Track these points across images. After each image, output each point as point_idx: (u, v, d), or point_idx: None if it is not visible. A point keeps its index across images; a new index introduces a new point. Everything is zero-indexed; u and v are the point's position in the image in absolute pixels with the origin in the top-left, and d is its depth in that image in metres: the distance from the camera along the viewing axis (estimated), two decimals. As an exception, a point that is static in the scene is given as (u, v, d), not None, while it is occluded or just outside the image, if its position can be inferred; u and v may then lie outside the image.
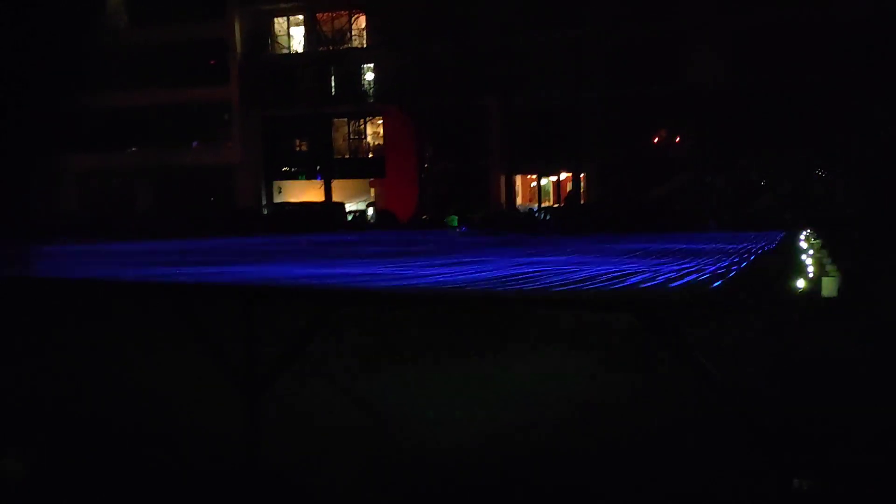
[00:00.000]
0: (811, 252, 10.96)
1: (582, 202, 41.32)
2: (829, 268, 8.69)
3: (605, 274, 9.44)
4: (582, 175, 41.93)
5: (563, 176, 43.71)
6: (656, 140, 40.56)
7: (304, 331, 5.03)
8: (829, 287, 8.02)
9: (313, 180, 44.87)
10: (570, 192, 43.17)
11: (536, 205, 42.88)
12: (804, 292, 7.58)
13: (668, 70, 38.06)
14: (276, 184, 46.53)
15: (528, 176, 44.57)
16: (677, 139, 39.96)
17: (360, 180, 44.95)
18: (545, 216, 38.64)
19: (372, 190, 45.25)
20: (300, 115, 44.07)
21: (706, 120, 37.25)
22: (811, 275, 8.58)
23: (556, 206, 42.26)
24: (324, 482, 4.81)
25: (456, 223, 33.02)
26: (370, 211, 42.65)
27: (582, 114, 39.72)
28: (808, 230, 17.85)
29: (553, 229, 31.23)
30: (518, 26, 38.36)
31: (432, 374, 7.35)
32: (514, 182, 43.32)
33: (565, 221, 35.09)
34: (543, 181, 44.86)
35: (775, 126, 35.35)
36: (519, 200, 44.06)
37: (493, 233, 24.95)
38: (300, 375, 6.66)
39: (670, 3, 38.02)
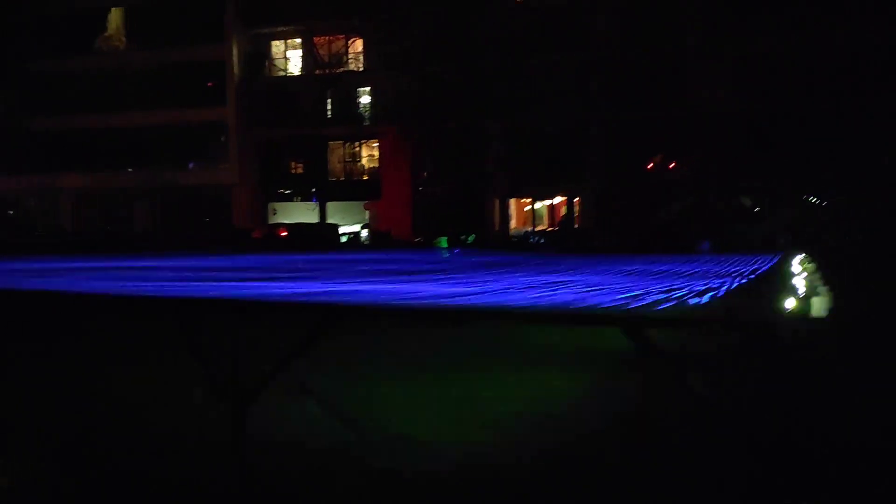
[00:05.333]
0: (804, 274, 10.98)
1: (576, 226, 41.42)
2: (819, 289, 8.70)
3: (597, 292, 9.45)
4: (577, 199, 42.06)
5: (558, 200, 43.85)
6: (652, 165, 40.75)
7: (301, 343, 5.01)
8: (818, 307, 8.04)
9: (308, 202, 44.97)
10: (564, 215, 43.28)
11: (531, 228, 42.97)
12: (794, 312, 7.59)
13: (672, 95, 38.22)
14: (271, 205, 46.62)
15: (523, 199, 44.68)
16: (672, 164, 40.14)
17: (356, 202, 45.05)
18: (539, 240, 38.74)
19: (367, 212, 45.33)
20: (296, 137, 44.30)
21: (707, 145, 37.42)
22: (802, 295, 8.59)
23: (549, 229, 42.36)
24: (303, 498, 4.76)
25: (446, 245, 33.03)
26: (364, 233, 42.70)
27: (579, 138, 39.90)
28: (804, 254, 17.88)
29: (548, 252, 31.27)
30: (515, 50, 38.64)
31: (419, 392, 7.31)
32: (509, 205, 43.43)
33: (560, 244, 35.17)
34: (538, 205, 44.98)
35: (775, 152, 35.53)
36: (513, 224, 44.13)
37: (489, 254, 24.96)
38: (289, 391, 6.62)
39: (672, 29, 38.29)
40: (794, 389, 5.84)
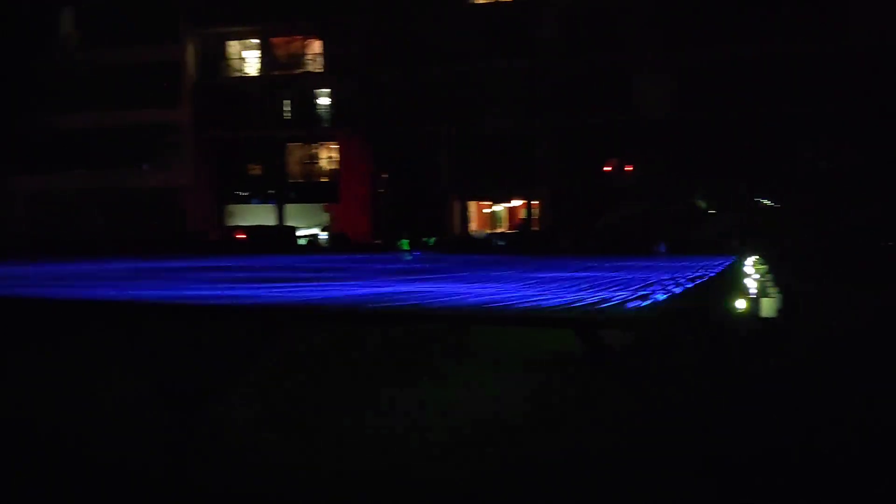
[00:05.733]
0: (756, 276, 11.21)
1: (534, 229, 41.73)
2: (770, 289, 8.89)
3: (553, 295, 9.51)
4: (535, 202, 42.38)
5: (517, 203, 44.11)
6: (607, 168, 41.30)
7: (250, 347, 4.93)
8: (767, 308, 8.20)
9: (266, 204, 44.50)
10: (522, 218, 43.56)
11: (490, 231, 43.15)
12: (744, 312, 7.74)
13: (619, 101, 38.90)
14: (228, 208, 45.99)
15: (482, 202, 44.85)
16: (628, 168, 40.74)
17: (314, 204, 44.70)
18: (498, 242, 38.93)
19: (326, 214, 45.03)
20: (254, 139, 43.81)
21: (655, 150, 38.10)
22: (753, 296, 8.77)
23: (509, 232, 42.58)
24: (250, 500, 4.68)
25: (407, 247, 33.00)
26: (323, 235, 42.41)
27: (535, 142, 40.26)
28: (755, 256, 18.29)
29: (507, 254, 31.45)
30: (474, 54, 38.89)
31: (375, 394, 7.25)
32: (468, 208, 43.55)
33: (518, 247, 35.42)
34: (497, 207, 45.20)
35: (721, 156, 36.35)
36: (473, 226, 44.25)
37: (448, 257, 25.02)
38: (245, 393, 6.52)
39: (619, 37, 38.97)
40: (743, 386, 5.93)
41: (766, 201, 38.32)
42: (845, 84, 35.27)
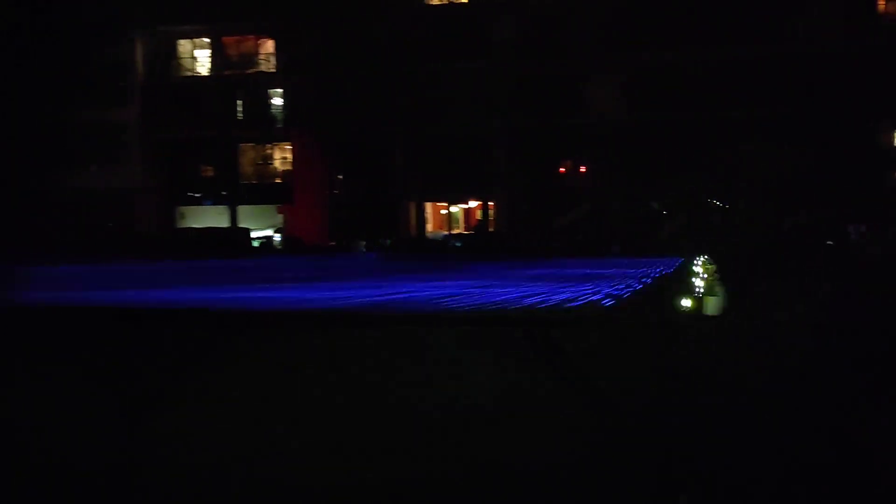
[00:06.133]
0: (704, 275, 11.46)
1: (491, 230, 41.95)
2: (716, 288, 9.11)
3: (506, 295, 9.60)
4: (491, 203, 42.61)
5: (473, 204, 44.29)
6: (562, 170, 41.76)
7: (196, 351, 4.87)
8: (712, 306, 8.42)
9: (218, 206, 43.86)
10: (479, 220, 43.76)
11: (447, 232, 43.24)
12: (690, 311, 7.93)
13: (574, 103, 39.36)
14: (179, 209, 45.21)
15: (439, 203, 44.91)
16: (582, 169, 41.25)
17: (268, 206, 44.22)
18: (455, 243, 39.07)
19: (280, 216, 44.59)
20: (205, 139, 43.15)
21: (609, 151, 38.66)
22: (699, 295, 8.97)
23: (466, 233, 42.75)
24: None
25: (364, 249, 32.90)
26: (277, 237, 41.99)
27: (491, 143, 40.47)
28: (704, 256, 18.65)
29: (463, 255, 31.57)
30: (429, 56, 38.91)
31: (330, 396, 7.22)
32: (425, 209, 43.57)
33: (475, 248, 35.60)
34: (454, 209, 45.31)
35: (674, 158, 37.06)
36: (429, 228, 44.28)
37: (405, 259, 25.02)
38: (191, 399, 6.42)
39: (574, 40, 39.43)
40: (688, 384, 6.06)
41: (716, 202, 39.19)
42: (792, 87, 36.26)
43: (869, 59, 35.21)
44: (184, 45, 45.40)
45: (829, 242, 31.19)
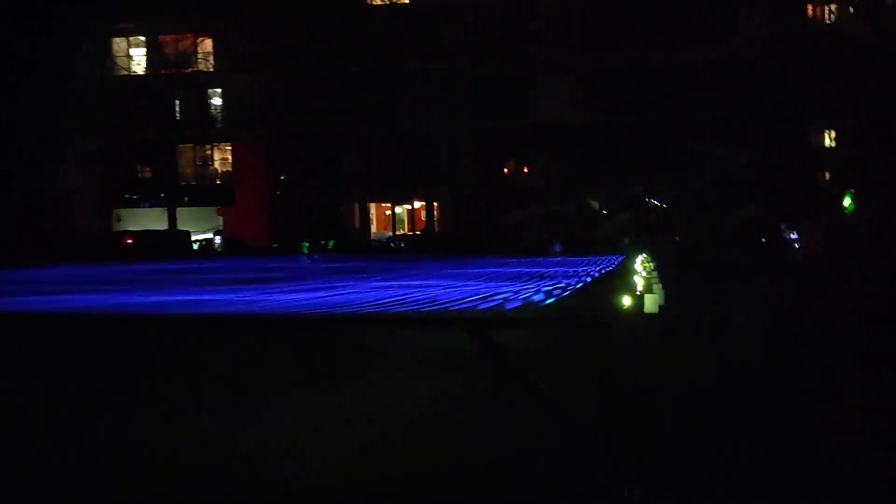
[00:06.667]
0: (643, 273, 11.67)
1: (436, 230, 41.98)
2: (654, 286, 9.28)
3: (449, 296, 9.60)
4: (436, 204, 42.63)
5: (418, 204, 44.24)
6: (507, 170, 42.06)
7: (143, 358, 4.73)
8: (650, 304, 8.59)
9: (157, 208, 42.80)
10: (424, 220, 43.77)
11: (392, 233, 43.10)
12: (630, 308, 8.07)
13: (521, 104, 39.69)
14: (116, 212, 43.98)
15: (383, 204, 44.73)
16: (526, 170, 41.62)
17: (208, 207, 43.35)
18: (400, 244, 38.98)
19: (220, 218, 43.76)
20: (142, 140, 42.04)
21: (555, 152, 39.10)
22: (638, 293, 9.13)
23: (410, 234, 42.69)
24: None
25: (307, 251, 32.56)
26: (218, 239, 41.21)
27: (437, 144, 40.49)
28: (644, 254, 19.02)
29: (408, 256, 31.52)
30: (378, 56, 38.65)
31: (276, 403, 7.10)
32: (369, 210, 43.35)
33: (420, 248, 35.58)
34: (398, 209, 45.19)
35: (619, 158, 37.74)
36: (374, 228, 44.07)
37: (348, 260, 24.83)
38: (140, 405, 6.25)
39: (523, 42, 39.73)
40: (626, 382, 6.16)
41: (656, 202, 40.02)
42: (731, 90, 37.29)
43: (802, 63, 36.43)
44: (119, 44, 44.21)
45: (763, 240, 32.17)
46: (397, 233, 43.21)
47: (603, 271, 15.42)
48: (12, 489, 4.71)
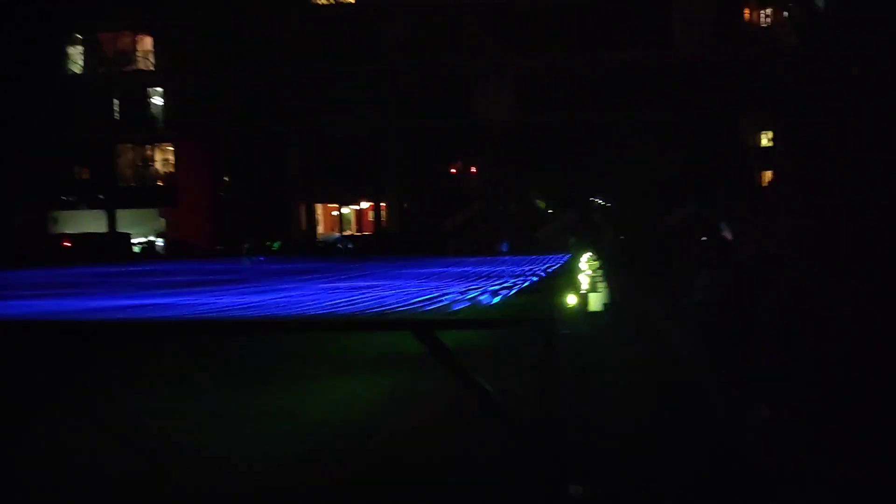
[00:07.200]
0: (588, 272, 11.83)
1: (384, 231, 41.89)
2: (599, 285, 9.43)
3: (396, 297, 9.57)
4: (383, 204, 42.52)
5: (365, 205, 44.06)
6: (453, 171, 42.20)
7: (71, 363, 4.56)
8: (595, 302, 8.74)
9: (95, 210, 41.65)
10: (372, 221, 43.62)
11: (339, 233, 42.83)
12: (575, 307, 8.18)
13: (464, 104, 39.92)
14: (52, 214, 42.65)
15: (330, 205, 44.44)
16: (473, 169, 41.82)
17: (150, 209, 42.40)
18: (347, 245, 38.73)
19: (162, 220, 42.85)
20: (80, 140, 40.85)
21: (500, 151, 39.41)
22: (583, 291, 9.27)
23: (358, 234, 42.49)
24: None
25: (252, 253, 32.10)
26: (160, 242, 40.33)
27: (381, 144, 40.38)
28: (589, 253, 19.27)
29: (355, 256, 31.34)
30: (315, 56, 38.38)
31: (216, 408, 6.98)
32: (315, 211, 42.99)
33: (367, 249, 35.43)
34: (345, 210, 44.94)
35: (562, 158, 38.25)
36: (321, 229, 43.74)
37: (294, 261, 24.58)
38: (69, 414, 6.07)
39: (465, 42, 39.94)
40: (570, 381, 6.23)
41: (599, 201, 40.64)
42: (668, 90, 38.14)
43: (736, 66, 37.43)
44: (56, 42, 42.88)
45: (703, 239, 32.85)
46: (345, 233, 42.97)
47: (549, 270, 15.61)
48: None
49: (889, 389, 5.69)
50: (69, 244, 34.44)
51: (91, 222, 41.31)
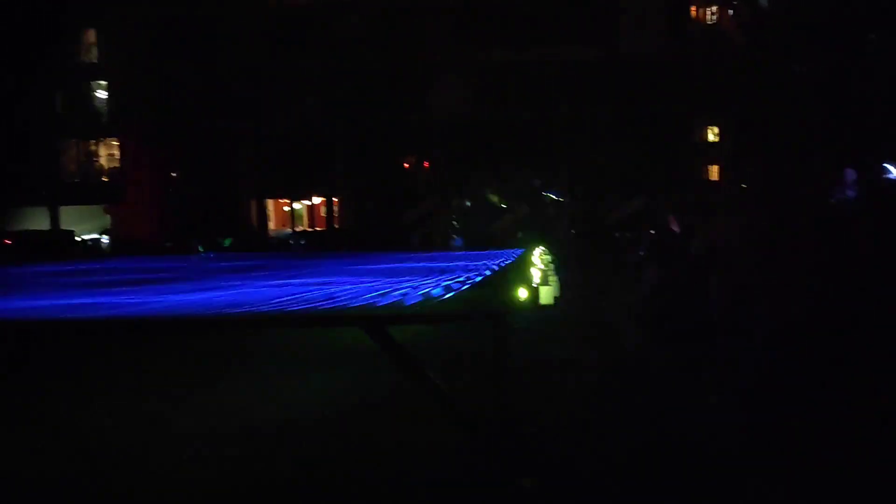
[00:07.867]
0: (541, 266, 11.91)
1: (335, 226, 41.58)
2: (550, 279, 9.49)
3: (347, 292, 9.49)
4: (335, 200, 42.18)
5: (317, 200, 43.64)
6: (407, 166, 42.09)
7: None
8: (546, 296, 8.79)
9: (36, 207, 40.35)
10: (324, 217, 43.23)
11: (291, 230, 42.35)
12: (526, 301, 8.23)
13: (418, 100, 39.83)
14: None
15: (282, 200, 43.91)
16: (426, 165, 41.78)
17: (95, 206, 41.26)
18: (300, 241, 38.30)
19: (108, 217, 41.75)
20: (20, 134, 39.51)
21: (454, 147, 39.47)
22: (535, 285, 9.32)
23: (310, 230, 42.06)
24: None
25: (203, 249, 31.54)
26: (105, 239, 39.28)
27: (335, 140, 40.05)
28: (541, 247, 19.42)
29: (307, 252, 31.04)
30: (266, 50, 37.83)
31: (162, 407, 6.83)
32: (267, 206, 42.42)
33: (320, 245, 35.11)
34: (297, 205, 44.46)
35: (515, 153, 38.50)
36: (272, 225, 43.18)
37: (244, 258, 24.21)
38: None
39: (419, 38, 39.82)
40: (521, 375, 6.26)
41: (552, 196, 41.02)
42: (619, 87, 38.64)
43: (683, 62, 38.11)
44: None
45: (651, 231, 33.37)
46: (297, 229, 42.51)
47: (502, 264, 15.67)
48: None
49: (822, 374, 5.86)
50: (9, 242, 33.29)
51: (33, 219, 40.04)
